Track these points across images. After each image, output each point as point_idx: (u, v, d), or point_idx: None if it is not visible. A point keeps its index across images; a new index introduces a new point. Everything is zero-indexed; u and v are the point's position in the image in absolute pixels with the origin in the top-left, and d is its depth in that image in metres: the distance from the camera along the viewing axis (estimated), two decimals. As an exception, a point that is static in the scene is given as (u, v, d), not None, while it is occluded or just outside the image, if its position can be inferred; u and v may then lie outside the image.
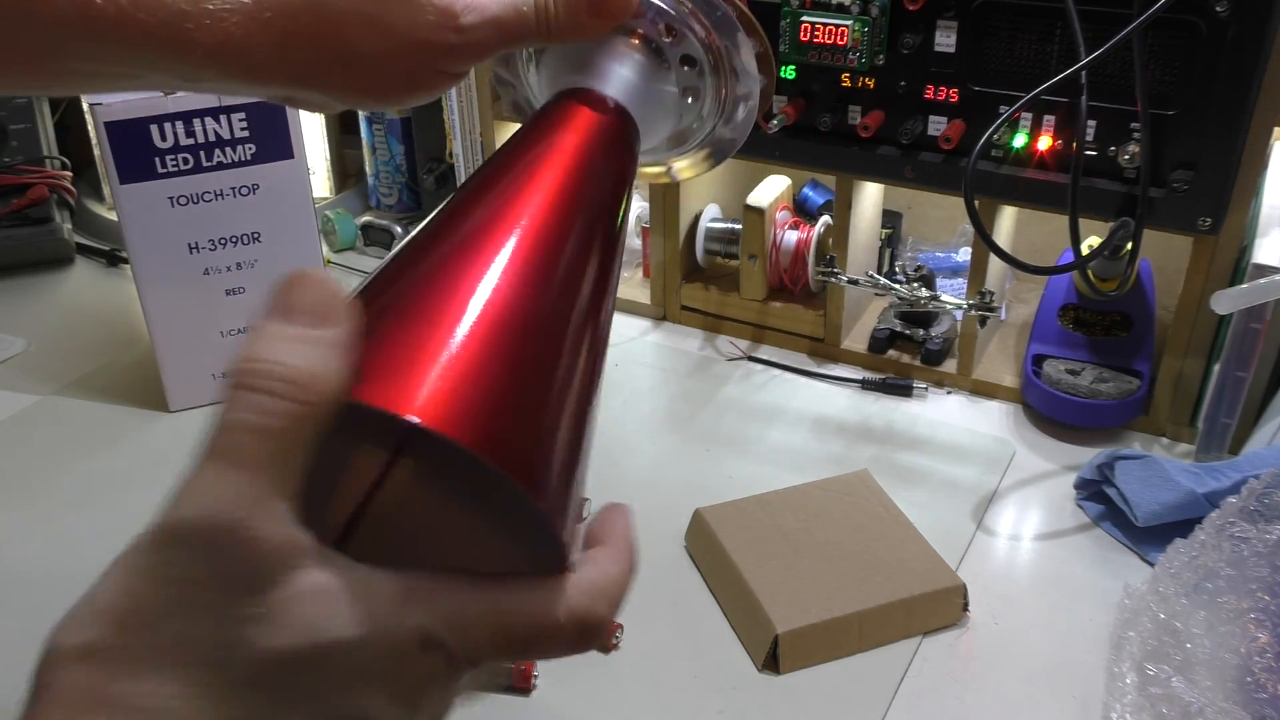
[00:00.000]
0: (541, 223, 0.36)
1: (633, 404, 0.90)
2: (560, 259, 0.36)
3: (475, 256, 0.34)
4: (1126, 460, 0.75)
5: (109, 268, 1.16)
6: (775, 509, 0.74)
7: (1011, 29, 0.78)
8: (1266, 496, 0.62)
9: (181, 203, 0.84)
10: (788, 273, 0.98)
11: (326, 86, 0.40)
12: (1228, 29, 0.71)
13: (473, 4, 0.40)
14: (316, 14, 0.38)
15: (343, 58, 0.39)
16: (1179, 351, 0.82)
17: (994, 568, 0.73)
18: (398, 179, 1.18)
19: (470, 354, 0.31)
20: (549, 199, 0.36)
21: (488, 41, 0.41)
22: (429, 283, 0.33)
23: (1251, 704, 0.56)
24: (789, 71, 0.87)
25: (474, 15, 0.40)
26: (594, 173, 0.39)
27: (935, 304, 0.91)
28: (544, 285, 0.34)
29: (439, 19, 0.39)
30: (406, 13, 0.39)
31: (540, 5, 0.41)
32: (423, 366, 0.30)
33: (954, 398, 0.91)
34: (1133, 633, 0.62)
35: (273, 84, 0.40)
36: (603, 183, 0.39)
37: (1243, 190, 0.75)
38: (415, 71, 0.41)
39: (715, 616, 0.69)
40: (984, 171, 0.81)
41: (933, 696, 0.64)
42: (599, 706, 0.63)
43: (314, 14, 0.38)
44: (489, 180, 0.38)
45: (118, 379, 0.95)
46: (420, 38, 0.39)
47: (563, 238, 0.36)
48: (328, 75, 0.40)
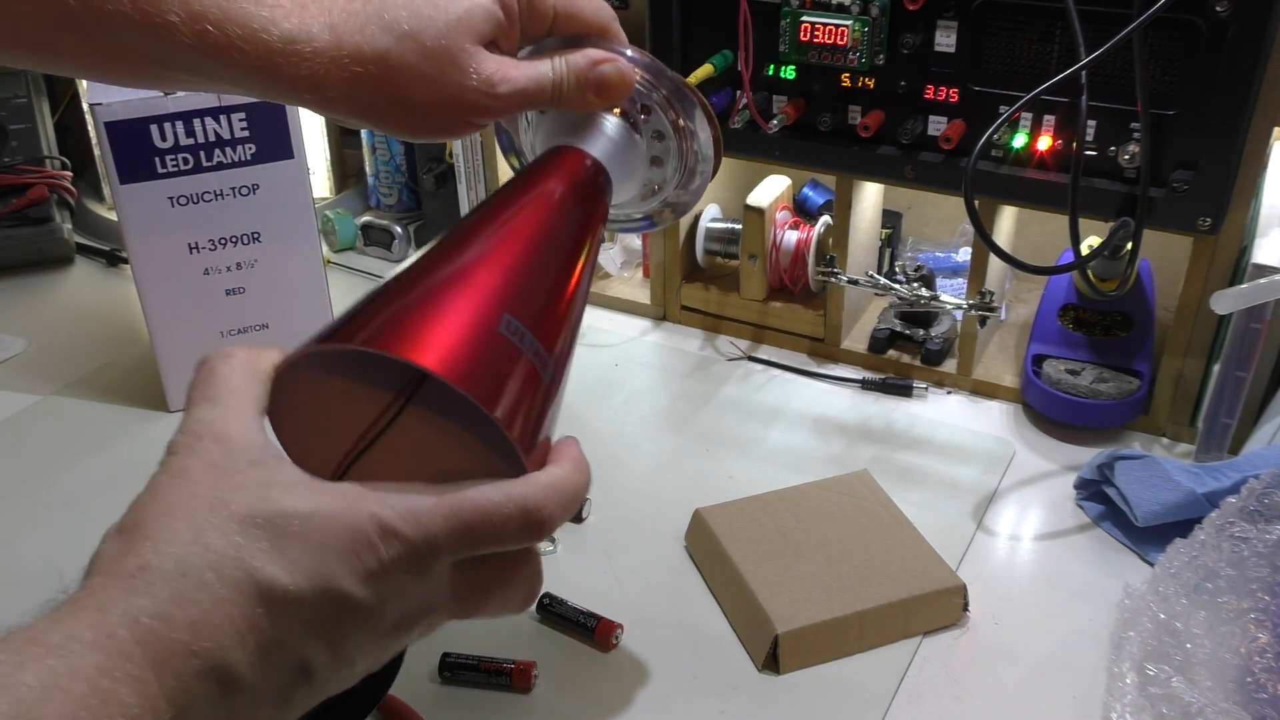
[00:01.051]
0: (527, 239, 0.47)
1: (633, 404, 0.90)
2: (541, 264, 0.46)
3: (476, 259, 0.45)
4: (1126, 460, 0.75)
5: (109, 268, 1.16)
6: (775, 509, 0.74)
7: (1011, 29, 0.78)
8: (1266, 496, 0.62)
9: (181, 203, 0.84)
10: (788, 273, 0.98)
11: (380, 122, 0.50)
12: (1228, 29, 0.71)
13: (508, 76, 0.49)
14: (384, 66, 0.47)
15: (400, 103, 0.48)
16: (1179, 351, 0.82)
17: (994, 568, 0.73)
18: (398, 179, 1.18)
19: (465, 324, 0.41)
20: (535, 226, 0.48)
21: (514, 105, 0.50)
22: (434, 273, 0.44)
23: (1252, 704, 0.56)
24: (789, 71, 0.87)
25: (507, 86, 0.49)
26: (572, 210, 0.50)
27: (935, 304, 0.91)
28: (522, 278, 0.45)
29: (481, 84, 0.48)
30: (456, 77, 0.48)
31: (557, 81, 0.51)
32: (437, 331, 0.40)
33: (954, 398, 0.91)
34: (1133, 633, 0.62)
35: (338, 112, 0.49)
36: (577, 217, 0.50)
37: (1243, 190, 0.75)
38: (454, 120, 0.50)
39: (715, 616, 0.69)
40: (984, 171, 0.81)
41: (933, 696, 0.64)
42: (599, 706, 0.63)
43: (382, 66, 0.47)
44: (492, 209, 0.48)
45: (118, 379, 0.95)
46: (463, 97, 0.49)
47: (545, 249, 0.47)
48: (385, 114, 0.49)
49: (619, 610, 0.68)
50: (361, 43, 0.47)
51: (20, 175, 1.19)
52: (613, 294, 1.05)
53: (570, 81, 0.51)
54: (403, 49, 0.47)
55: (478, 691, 0.64)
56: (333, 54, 0.46)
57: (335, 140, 1.22)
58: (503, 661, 0.64)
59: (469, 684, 0.64)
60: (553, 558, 0.74)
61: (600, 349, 0.98)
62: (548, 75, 0.50)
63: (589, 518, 0.78)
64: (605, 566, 0.73)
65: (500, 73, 0.49)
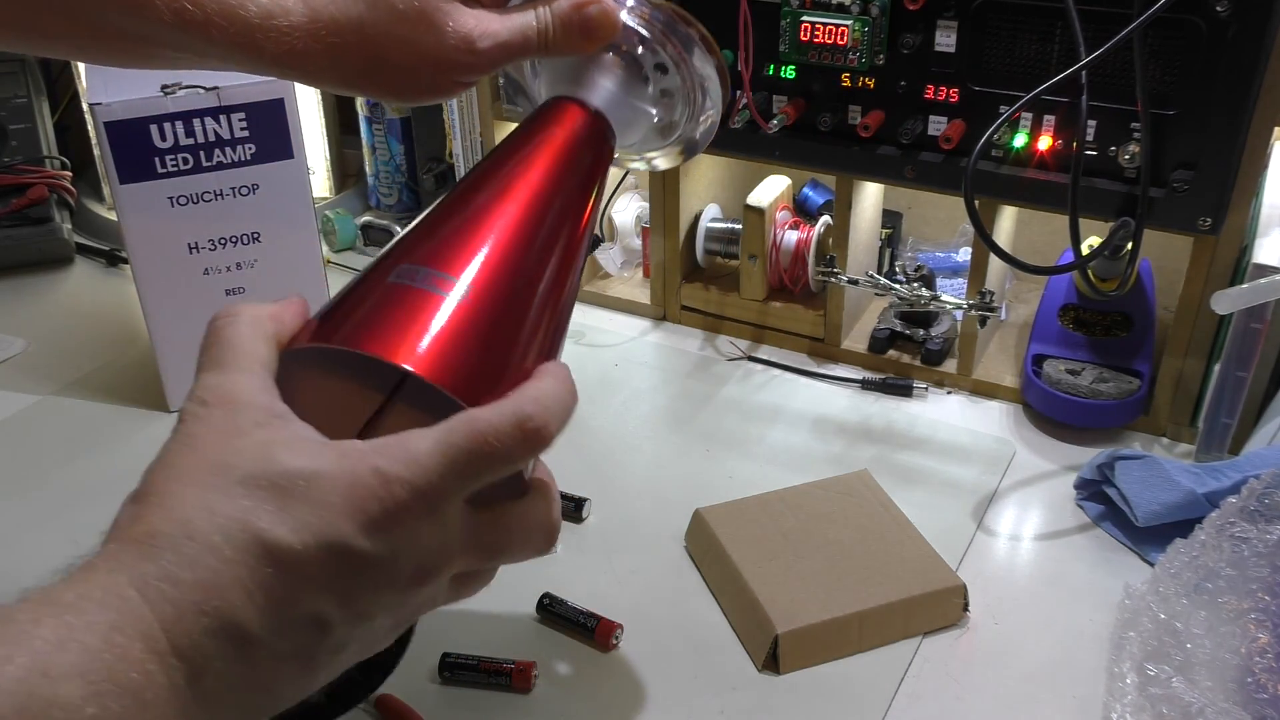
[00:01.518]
0: (530, 198, 0.47)
1: (633, 404, 0.90)
2: (540, 230, 0.47)
3: (473, 232, 0.45)
4: (1126, 460, 0.75)
5: (109, 268, 1.16)
6: (775, 509, 0.74)
7: (1011, 29, 0.78)
8: (1267, 496, 0.62)
9: (181, 203, 0.84)
10: (788, 273, 0.98)
11: (366, 88, 0.50)
12: (1228, 29, 0.71)
13: (487, 30, 0.48)
14: (360, 34, 0.47)
15: (381, 68, 0.48)
16: (1179, 351, 0.82)
17: (994, 568, 0.73)
18: (398, 179, 1.18)
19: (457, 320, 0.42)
20: (537, 183, 0.48)
21: (497, 59, 0.49)
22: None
23: (1252, 704, 0.56)
24: (789, 71, 0.87)
25: (488, 40, 0.48)
26: (574, 159, 0.50)
27: (935, 304, 0.91)
28: (522, 261, 0.45)
29: (459, 42, 0.48)
30: (433, 37, 0.47)
31: (541, 29, 0.50)
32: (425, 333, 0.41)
33: (954, 398, 0.91)
34: (1133, 633, 0.62)
35: (325, 83, 0.50)
36: (580, 167, 0.50)
37: (1243, 190, 0.75)
38: (437, 80, 0.50)
39: (715, 616, 0.69)
40: (984, 171, 0.81)
41: (933, 696, 0.64)
42: (599, 706, 0.63)
43: (359, 34, 0.47)
44: (496, 162, 0.49)
45: (118, 379, 0.95)
46: (443, 56, 0.48)
47: (546, 208, 0.47)
48: (367, 80, 0.49)
49: (619, 610, 0.68)
50: (335, 12, 0.47)
51: (20, 175, 1.19)
52: (613, 294, 1.05)
53: (556, 28, 0.50)
54: (376, 15, 0.47)
55: (478, 691, 0.64)
56: (309, 26, 0.47)
57: (335, 140, 1.22)
58: (503, 661, 0.64)
59: (469, 684, 0.64)
60: (553, 558, 0.74)
61: (600, 349, 0.98)
62: (531, 24, 0.50)
63: (589, 518, 0.78)
64: (605, 566, 0.73)
65: (480, 28, 0.48)
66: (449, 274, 0.43)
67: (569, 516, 0.77)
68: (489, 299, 0.43)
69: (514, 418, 0.39)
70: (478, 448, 0.38)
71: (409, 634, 0.47)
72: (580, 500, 0.77)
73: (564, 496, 0.77)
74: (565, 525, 0.77)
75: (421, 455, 0.38)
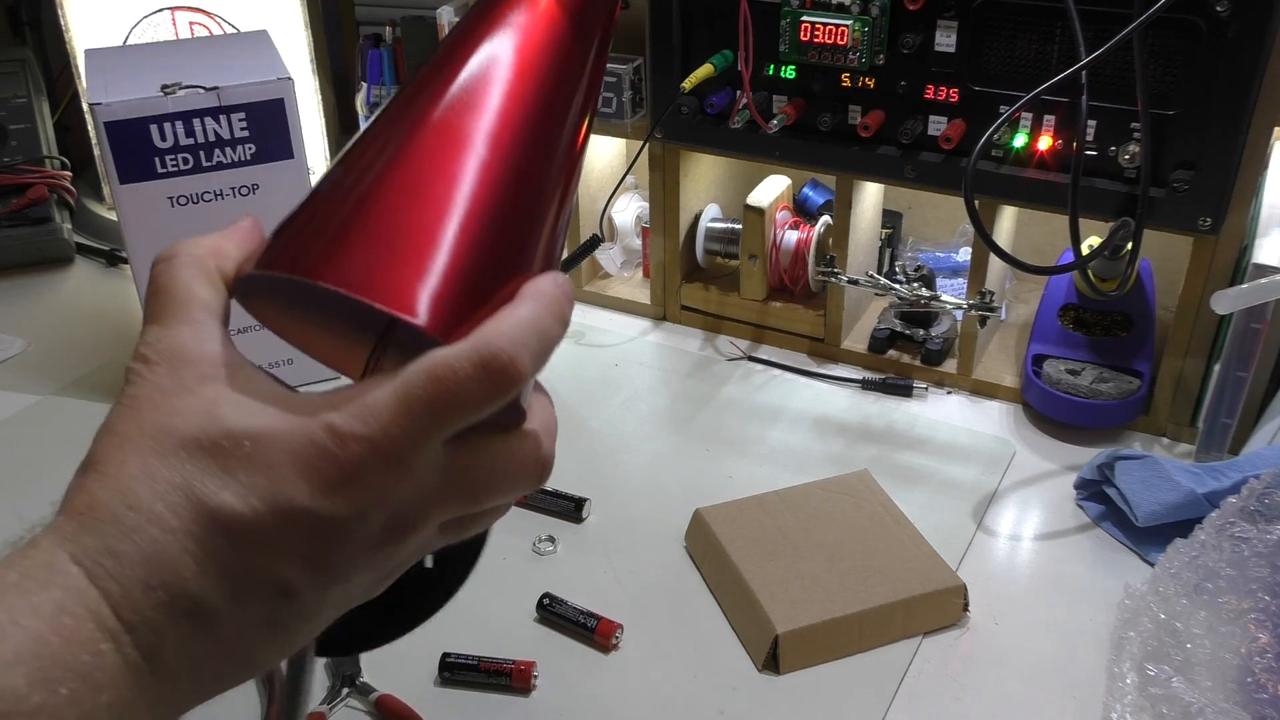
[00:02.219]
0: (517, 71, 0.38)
1: (633, 404, 0.90)
2: (532, 110, 0.38)
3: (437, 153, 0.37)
4: (1127, 460, 0.75)
5: (109, 268, 1.16)
6: (775, 509, 0.74)
7: (1012, 29, 0.78)
8: (1267, 496, 0.62)
9: (181, 203, 0.84)
10: (788, 273, 0.98)
11: None
12: (1228, 29, 0.71)
13: None
14: None
15: None
16: (1179, 351, 0.82)
17: (994, 568, 0.73)
18: (398, 179, 1.18)
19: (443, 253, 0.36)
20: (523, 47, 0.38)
21: None
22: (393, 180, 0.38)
23: (1252, 704, 0.56)
24: (789, 71, 0.87)
25: None
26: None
27: (935, 304, 0.91)
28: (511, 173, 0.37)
29: None
30: None
31: None
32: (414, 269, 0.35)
33: (954, 398, 0.91)
34: (1133, 633, 0.62)
35: None
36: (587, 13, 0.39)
37: (1243, 190, 0.75)
38: None
39: (715, 616, 0.69)
40: (984, 171, 0.81)
41: (933, 697, 0.64)
42: (599, 706, 0.63)
43: None
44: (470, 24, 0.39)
45: (118, 379, 0.94)
46: None
47: (539, 87, 0.38)
48: None
49: (619, 610, 0.68)
50: None
51: (20, 175, 1.19)
52: (613, 294, 1.05)
53: None
54: None
55: (478, 692, 0.64)
56: None
57: (335, 140, 1.22)
58: (503, 662, 0.64)
59: (469, 684, 0.64)
60: (553, 558, 0.74)
61: (600, 349, 0.98)
62: None
63: (589, 518, 0.78)
64: (605, 566, 0.73)
65: None
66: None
67: (569, 517, 0.77)
68: (460, 205, 0.36)
69: (475, 357, 0.34)
70: (438, 394, 0.34)
71: (484, 536, 0.43)
72: (580, 500, 0.77)
73: (564, 496, 0.77)
74: (565, 525, 0.77)
75: (379, 407, 0.34)
